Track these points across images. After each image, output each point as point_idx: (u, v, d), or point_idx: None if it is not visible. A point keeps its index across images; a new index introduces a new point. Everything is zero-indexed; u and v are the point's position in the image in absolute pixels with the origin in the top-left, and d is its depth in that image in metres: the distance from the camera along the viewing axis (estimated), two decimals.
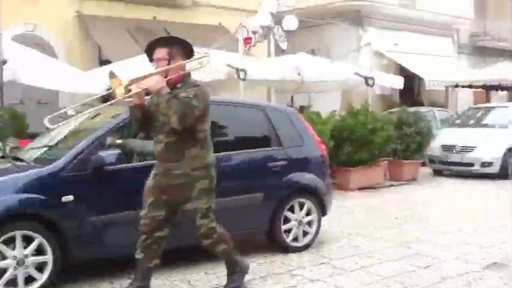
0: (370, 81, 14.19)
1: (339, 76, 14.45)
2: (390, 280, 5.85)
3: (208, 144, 5.02)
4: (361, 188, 12.03)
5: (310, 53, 18.30)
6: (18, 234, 5.17)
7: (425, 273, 6.12)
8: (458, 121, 16.56)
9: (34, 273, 5.26)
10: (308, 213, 7.10)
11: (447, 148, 14.71)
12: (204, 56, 5.15)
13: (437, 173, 15.21)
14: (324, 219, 7.54)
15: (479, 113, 16.64)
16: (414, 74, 20.74)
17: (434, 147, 14.79)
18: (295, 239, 6.99)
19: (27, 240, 5.23)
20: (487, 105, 18.76)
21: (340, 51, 19.11)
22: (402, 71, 20.27)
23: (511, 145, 14.38)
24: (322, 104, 15.37)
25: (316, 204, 7.17)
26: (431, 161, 15.17)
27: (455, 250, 7.15)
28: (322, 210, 7.31)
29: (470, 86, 21.58)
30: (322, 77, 14.04)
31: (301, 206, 7.03)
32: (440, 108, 19.80)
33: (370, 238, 7.75)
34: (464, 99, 23.68)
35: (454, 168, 14.76)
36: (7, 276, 5.11)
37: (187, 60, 5.06)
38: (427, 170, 15.33)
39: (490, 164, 14.17)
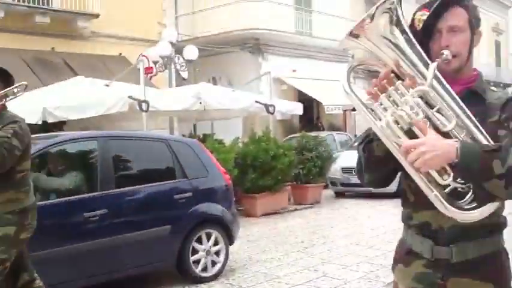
0: (270, 109, 14.50)
1: (240, 104, 14.68)
2: None
3: (27, 185, 4.46)
4: (267, 214, 12.22)
5: (212, 81, 18.51)
6: None
7: None
8: (356, 144, 17.12)
9: None
10: (216, 243, 7.16)
11: (347, 170, 15.19)
12: (20, 85, 4.52)
13: (339, 195, 15.69)
14: (232, 247, 7.63)
15: None
16: (313, 98, 21.38)
17: (335, 170, 15.25)
18: (205, 269, 7.02)
19: None
20: None
21: (241, 79, 19.42)
22: (302, 96, 20.86)
23: None
24: (225, 131, 15.57)
25: (223, 234, 7.25)
26: (333, 183, 15.63)
27: (359, 270, 7.42)
28: (230, 238, 7.39)
29: None
30: (223, 106, 14.22)
31: (209, 236, 7.08)
32: (339, 132, 20.51)
33: (278, 263, 7.89)
34: (362, 121, 24.64)
35: (355, 189, 15.27)
36: None
37: (4, 91, 4.39)
38: (330, 192, 15.77)
39: None
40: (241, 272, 7.46)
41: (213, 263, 7.12)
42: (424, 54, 2.14)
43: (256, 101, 14.70)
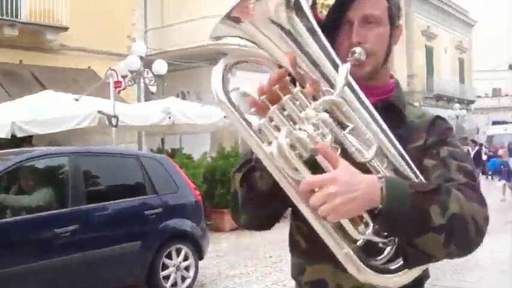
0: None
1: (209, 119, 14.79)
2: None
3: None
4: (235, 229, 12.29)
5: (180, 96, 18.55)
6: None
7: None
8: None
9: None
10: (185, 258, 7.25)
11: None
12: None
13: None
14: (201, 262, 7.72)
15: None
16: None
17: None
18: (174, 285, 7.11)
19: None
20: None
21: (210, 94, 19.40)
22: None
23: None
24: (193, 145, 15.63)
25: (193, 249, 7.35)
26: None
27: None
28: (199, 254, 7.49)
29: None
30: (192, 121, 14.30)
31: (179, 252, 7.17)
32: None
33: (247, 278, 8.00)
34: None
35: None
36: None
37: None
38: None
39: None
40: (210, 287, 7.54)
41: (183, 279, 7.22)
42: (332, 51, 1.52)
43: (225, 117, 14.80)
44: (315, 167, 1.37)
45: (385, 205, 1.36)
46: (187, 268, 7.27)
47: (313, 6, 1.62)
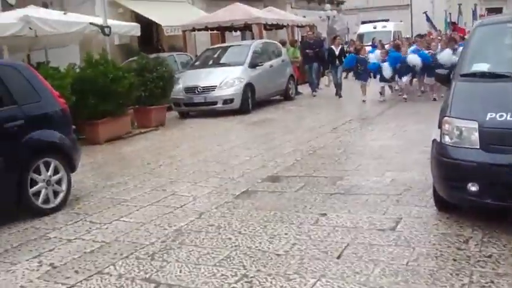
0: (106, 30, 13.79)
1: (74, 27, 13.82)
2: (150, 224, 5.86)
3: None
4: (110, 140, 11.78)
5: (42, 6, 17.12)
6: None
7: (182, 212, 6.24)
8: (197, 63, 17.02)
9: None
10: (56, 172, 6.73)
11: (190, 90, 15.05)
12: None
13: (184, 115, 15.52)
14: (75, 176, 7.28)
15: (217, 53, 17.29)
16: (152, 21, 20.70)
17: (177, 90, 15.03)
18: (47, 201, 6.60)
19: None
20: (223, 45, 19.54)
21: (74, 1, 18.23)
22: (139, 19, 20.04)
23: (249, 81, 15.27)
24: (61, 60, 14.57)
25: (63, 161, 6.84)
26: (177, 104, 15.40)
27: (208, 186, 7.41)
28: (71, 166, 7.01)
29: (206, 29, 22.27)
30: (56, 30, 13.30)
31: (47, 166, 6.63)
32: (180, 52, 20.12)
33: (124, 187, 7.66)
34: (202, 41, 24.40)
35: (199, 108, 15.21)
36: None
37: None
38: (174, 113, 15.55)
39: (231, 100, 14.88)
40: (86, 199, 7.13)
41: (55, 194, 6.71)
42: None
43: (91, 23, 13.92)
44: None
45: None
46: (59, 182, 6.77)
47: None
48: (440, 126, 5.21)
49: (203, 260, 4.78)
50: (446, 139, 5.09)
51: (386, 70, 15.39)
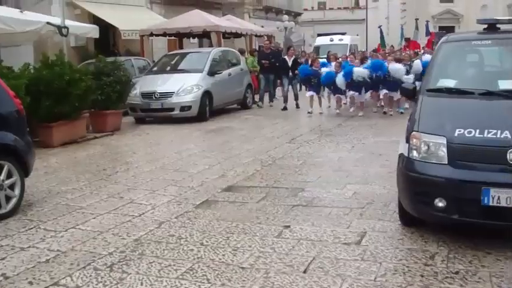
0: (64, 31, 13.44)
1: (31, 26, 13.42)
2: (108, 233, 5.64)
3: None
4: (64, 144, 11.43)
5: None
6: None
7: (141, 221, 6.05)
8: (155, 68, 16.76)
9: None
10: (9, 176, 6.44)
11: (147, 95, 14.79)
12: None
13: (140, 121, 15.20)
14: (28, 180, 6.99)
15: (175, 60, 17.07)
16: (109, 24, 20.36)
17: (134, 95, 14.77)
18: None
19: None
20: (182, 51, 19.33)
21: (29, 0, 17.75)
22: (95, 22, 19.68)
23: (207, 89, 15.12)
24: (14, 59, 14.15)
25: (17, 165, 6.55)
26: (133, 109, 15.10)
27: (167, 194, 7.22)
28: (25, 170, 6.72)
29: (164, 34, 22.02)
30: (12, 28, 12.89)
31: (0, 169, 6.33)
32: (138, 57, 19.82)
33: (80, 193, 7.39)
34: (159, 47, 24.13)
35: (155, 114, 14.95)
36: None
37: None
38: (130, 119, 15.23)
39: (189, 107, 14.69)
40: (40, 205, 6.84)
41: (8, 199, 6.40)
42: None
43: (48, 23, 13.54)
44: None
45: None
46: (11, 187, 6.47)
47: None
48: (408, 141, 5.18)
49: (165, 272, 4.60)
50: (414, 154, 5.07)
51: (340, 82, 15.03)
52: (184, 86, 14.79)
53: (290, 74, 17.86)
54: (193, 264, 4.74)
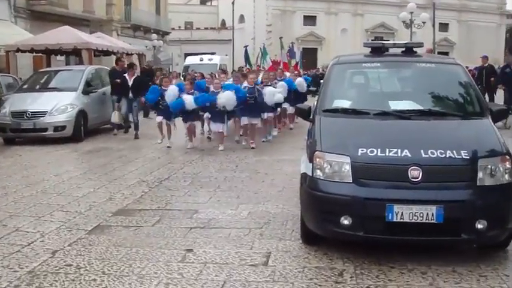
0: None
1: None
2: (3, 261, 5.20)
3: None
4: None
5: None
6: None
7: (31, 251, 5.64)
8: (26, 86, 15.88)
9: None
10: None
11: (18, 115, 13.96)
12: None
13: (9, 141, 14.27)
14: None
15: (48, 77, 16.30)
16: None
17: (3, 114, 13.90)
18: None
19: None
20: (54, 68, 18.52)
21: None
22: None
23: (82, 108, 14.56)
24: None
25: None
26: (2, 129, 14.14)
27: (54, 220, 6.82)
28: None
29: (32, 51, 20.97)
30: None
31: None
32: (3, 74, 18.68)
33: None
34: (23, 64, 22.93)
35: (27, 135, 14.16)
36: None
37: None
38: None
39: (63, 127, 14.05)
40: None
41: None
42: None
43: None
44: None
45: None
46: None
47: None
48: (311, 161, 5.25)
49: None
50: (318, 173, 5.15)
51: (189, 104, 12.21)
52: (58, 105, 14.13)
53: (130, 95, 15.24)
54: None
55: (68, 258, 5.41)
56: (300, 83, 16.39)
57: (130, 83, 15.24)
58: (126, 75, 15.40)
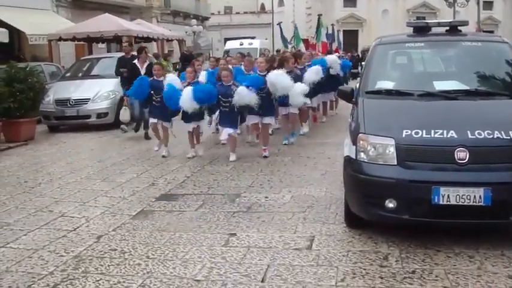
0: None
1: None
2: (44, 251, 5.27)
3: None
4: None
5: None
6: None
7: (77, 236, 5.71)
8: (69, 74, 16.11)
9: None
10: None
11: (61, 102, 14.18)
12: None
13: (54, 129, 14.52)
14: None
15: (90, 65, 16.48)
16: (13, 28, 19.38)
17: (47, 102, 14.11)
18: None
19: None
20: (96, 56, 18.70)
21: None
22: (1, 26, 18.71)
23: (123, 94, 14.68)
24: None
25: None
26: (47, 117, 14.39)
27: (99, 205, 6.89)
28: None
29: (73, 39, 21.24)
30: None
31: None
32: (47, 63, 18.98)
33: (5, 209, 6.91)
34: (66, 52, 23.24)
35: (71, 122, 14.38)
36: None
37: None
38: (43, 127, 14.50)
39: (106, 114, 14.21)
40: None
41: None
42: None
43: None
44: None
45: None
46: None
47: None
48: (355, 143, 5.16)
49: None
50: (362, 156, 5.06)
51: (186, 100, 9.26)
52: (100, 92, 14.30)
53: None
54: (145, 280, 4.50)
55: (112, 243, 5.46)
56: (333, 60, 14.06)
57: (142, 71, 12.05)
58: (136, 62, 12.58)
